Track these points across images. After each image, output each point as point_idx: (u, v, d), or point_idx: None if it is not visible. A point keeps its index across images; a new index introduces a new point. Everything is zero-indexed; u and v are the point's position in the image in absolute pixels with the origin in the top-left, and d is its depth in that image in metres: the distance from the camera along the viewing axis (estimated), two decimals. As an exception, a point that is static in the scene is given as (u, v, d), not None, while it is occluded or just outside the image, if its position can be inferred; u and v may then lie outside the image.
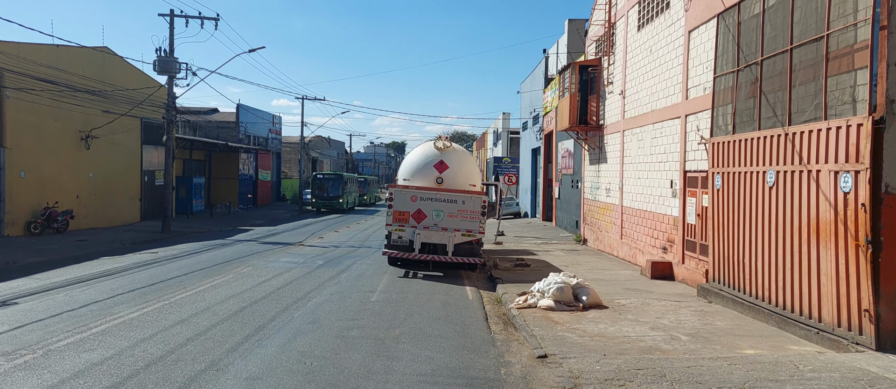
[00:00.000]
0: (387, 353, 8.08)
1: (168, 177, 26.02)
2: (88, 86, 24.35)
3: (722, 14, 11.79)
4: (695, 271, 13.29)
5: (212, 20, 26.19)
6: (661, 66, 15.74)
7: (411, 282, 14.04)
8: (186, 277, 14.06)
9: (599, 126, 21.17)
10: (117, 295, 11.62)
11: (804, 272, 8.95)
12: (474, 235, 15.11)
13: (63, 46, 23.54)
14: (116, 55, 28.06)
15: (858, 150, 7.85)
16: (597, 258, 18.78)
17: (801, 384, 6.68)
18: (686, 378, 6.85)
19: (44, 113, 23.11)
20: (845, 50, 8.30)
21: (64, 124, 24.46)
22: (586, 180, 23.12)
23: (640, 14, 17.46)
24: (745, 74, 10.83)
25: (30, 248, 18.83)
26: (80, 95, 23.70)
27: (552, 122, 29.34)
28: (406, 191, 15.34)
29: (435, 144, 16.19)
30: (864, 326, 7.79)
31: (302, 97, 48.30)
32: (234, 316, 10.06)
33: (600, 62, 21.17)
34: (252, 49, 26.29)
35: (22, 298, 11.34)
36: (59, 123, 24.16)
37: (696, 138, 13.26)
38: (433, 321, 10.10)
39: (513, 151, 48.89)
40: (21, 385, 6.60)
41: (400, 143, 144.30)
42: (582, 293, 11.13)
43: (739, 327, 9.58)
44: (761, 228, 10.10)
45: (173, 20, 25.44)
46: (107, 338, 8.46)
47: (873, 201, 7.66)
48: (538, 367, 7.55)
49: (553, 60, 31.86)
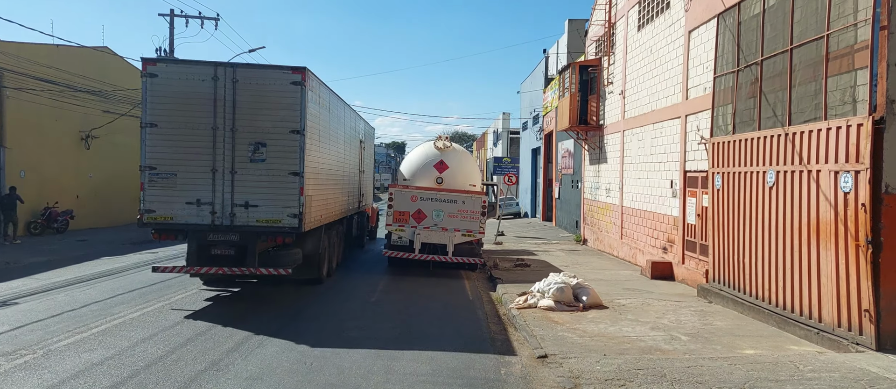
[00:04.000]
0: (387, 353, 8.08)
1: (168, 177, 25.92)
2: (88, 86, 24.34)
3: (722, 14, 11.79)
4: (695, 271, 13.29)
5: (212, 20, 26.24)
6: (661, 66, 15.74)
7: (411, 282, 14.04)
8: (186, 277, 14.04)
9: (599, 126, 21.17)
10: (117, 295, 11.62)
11: (804, 272, 8.95)
12: (474, 235, 15.11)
13: (63, 46, 23.53)
14: (116, 55, 28.06)
15: (858, 150, 7.85)
16: (597, 258, 18.78)
17: (801, 384, 6.68)
18: (686, 378, 6.86)
19: (44, 113, 23.11)
20: (845, 50, 8.30)
21: (64, 124, 24.45)
22: (586, 180, 23.12)
23: (640, 14, 17.46)
24: (745, 74, 10.83)
25: (30, 248, 18.84)
26: (80, 95, 23.69)
27: (552, 122, 29.34)
28: (406, 191, 15.34)
29: (435, 145, 16.19)
30: (865, 326, 7.80)
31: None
32: (233, 316, 10.06)
33: (600, 62, 21.17)
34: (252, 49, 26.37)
35: (22, 298, 11.34)
36: (60, 123, 24.15)
37: (696, 138, 13.26)
38: (433, 321, 10.10)
39: (513, 151, 48.87)
40: (21, 385, 6.60)
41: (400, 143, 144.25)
42: (582, 293, 11.13)
43: (739, 327, 9.58)
44: (761, 228, 10.10)
45: (173, 20, 25.46)
46: (107, 338, 8.46)
47: (873, 201, 7.66)
48: (538, 367, 7.55)
49: (553, 60, 31.87)
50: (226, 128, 10.90)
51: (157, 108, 10.89)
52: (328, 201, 13.50)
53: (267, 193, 10.97)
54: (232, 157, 10.93)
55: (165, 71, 10.97)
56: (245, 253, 11.13)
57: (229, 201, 10.94)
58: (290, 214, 10.92)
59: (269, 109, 10.96)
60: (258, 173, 10.96)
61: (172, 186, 10.94)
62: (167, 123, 10.89)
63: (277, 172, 10.95)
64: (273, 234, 11.17)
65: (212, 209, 10.95)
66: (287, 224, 10.96)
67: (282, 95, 10.94)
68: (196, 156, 10.93)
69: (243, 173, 10.95)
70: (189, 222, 10.99)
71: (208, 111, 10.89)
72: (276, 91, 10.96)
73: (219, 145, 10.92)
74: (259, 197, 10.97)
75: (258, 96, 10.94)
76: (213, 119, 10.90)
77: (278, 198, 10.96)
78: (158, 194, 10.94)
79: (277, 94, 10.95)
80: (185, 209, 10.94)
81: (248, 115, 10.93)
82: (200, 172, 10.94)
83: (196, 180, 10.95)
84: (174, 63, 11.93)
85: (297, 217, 10.96)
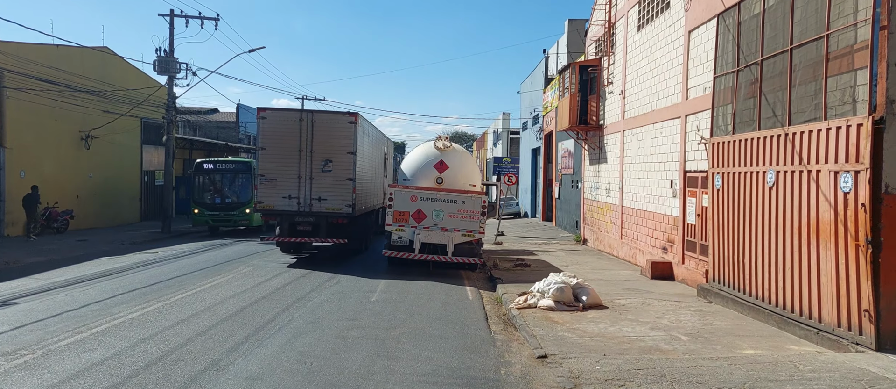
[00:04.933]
0: (387, 353, 8.09)
1: (168, 177, 26.02)
2: (88, 86, 24.35)
3: (722, 14, 11.79)
4: (695, 271, 13.29)
5: (212, 20, 26.19)
6: (661, 66, 15.74)
7: (411, 282, 14.04)
8: (186, 277, 14.07)
9: (599, 126, 21.17)
10: (117, 295, 11.63)
11: (804, 272, 8.95)
12: (474, 235, 15.11)
13: (63, 46, 23.54)
14: (116, 55, 28.08)
15: (858, 150, 7.85)
16: (597, 258, 18.78)
17: (801, 384, 6.68)
18: (686, 378, 6.86)
19: (44, 113, 23.12)
20: (845, 50, 8.30)
21: (64, 124, 24.46)
22: (586, 180, 23.12)
23: (640, 14, 17.46)
24: (745, 74, 10.83)
25: (30, 248, 18.84)
26: (80, 95, 23.70)
27: (552, 122, 29.34)
28: (406, 191, 15.34)
29: (435, 145, 16.20)
30: (864, 326, 7.80)
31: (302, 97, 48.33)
32: (234, 316, 10.07)
33: (600, 62, 21.17)
34: (252, 49, 26.29)
35: (22, 298, 11.34)
36: (59, 124, 24.17)
37: (696, 138, 13.26)
38: (433, 321, 10.10)
39: (513, 151, 48.88)
40: (21, 385, 6.60)
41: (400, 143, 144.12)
42: (582, 293, 11.13)
43: (739, 327, 9.58)
44: (761, 228, 10.10)
45: (173, 20, 25.44)
46: (107, 338, 8.46)
47: (873, 201, 7.66)
48: (538, 367, 7.55)
49: (553, 60, 31.87)
50: (307, 150, 16.90)
51: (266, 138, 16.94)
52: (367, 197, 19.22)
53: (332, 191, 16.91)
54: (310, 168, 16.91)
55: (271, 115, 17.09)
56: (318, 229, 17.20)
57: (308, 196, 16.95)
58: (347, 205, 16.53)
59: (334, 139, 16.91)
60: (327, 179, 16.92)
61: (274, 186, 16.89)
62: (271, 147, 16.92)
63: (339, 178, 16.92)
64: (336, 217, 17.05)
65: (298, 201, 16.95)
66: (344, 211, 16.87)
67: (342, 130, 16.97)
68: (288, 167, 16.88)
69: (317, 179, 16.92)
70: (283, 209, 17.01)
71: (296, 139, 16.89)
72: (338, 127, 16.99)
73: (303, 161, 16.89)
74: (327, 194, 16.93)
75: (327, 131, 16.93)
76: (299, 144, 16.89)
77: (339, 194, 16.91)
78: (265, 191, 16.94)
79: (339, 129, 16.96)
80: (281, 201, 16.93)
81: (321, 142, 16.89)
82: (291, 177, 16.92)
83: (288, 183, 16.91)
84: (275, 110, 17.48)
85: (351, 207, 16.91)
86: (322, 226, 16.99)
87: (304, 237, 17.31)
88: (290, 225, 17.17)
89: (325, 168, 16.81)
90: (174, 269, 15.32)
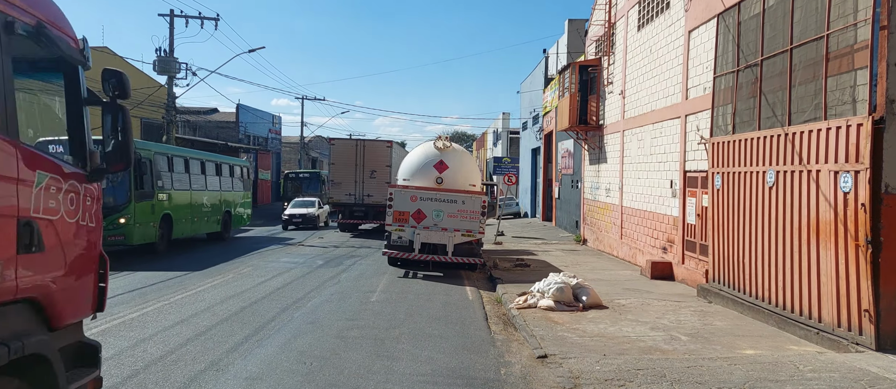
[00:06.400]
0: (387, 353, 8.09)
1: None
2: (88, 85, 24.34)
3: (722, 14, 11.80)
4: (695, 271, 13.29)
5: (212, 20, 26.23)
6: (660, 66, 15.74)
7: (411, 282, 14.05)
8: (186, 277, 14.07)
9: (599, 126, 21.17)
10: (117, 295, 11.62)
11: (804, 272, 8.95)
12: (474, 235, 15.11)
13: (63, 46, 23.52)
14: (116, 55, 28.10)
15: (858, 150, 7.85)
16: (597, 258, 18.79)
17: (801, 384, 6.68)
18: (686, 379, 6.86)
19: (43, 113, 23.10)
20: (845, 50, 8.30)
21: (64, 124, 24.44)
22: (586, 180, 23.13)
23: (640, 14, 17.46)
24: (745, 74, 10.83)
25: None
26: (80, 95, 23.68)
27: (552, 122, 29.34)
28: (406, 191, 15.34)
29: (435, 144, 16.18)
30: (864, 326, 7.80)
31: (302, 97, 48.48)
32: (234, 316, 10.07)
33: (600, 62, 21.18)
34: (252, 49, 26.35)
35: (22, 298, 11.32)
36: (59, 124, 24.14)
37: (695, 138, 13.27)
38: (433, 322, 10.10)
39: (513, 151, 48.86)
40: (21, 385, 6.59)
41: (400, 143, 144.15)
42: (582, 293, 11.13)
43: (739, 327, 9.58)
44: (761, 228, 10.10)
45: (173, 20, 25.47)
46: (107, 338, 8.45)
47: (873, 201, 7.67)
48: (538, 367, 7.55)
49: (553, 60, 31.86)
50: (360, 165, 25.84)
51: (334, 157, 26.25)
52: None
53: (376, 190, 25.18)
54: (362, 176, 25.81)
55: (337, 142, 27.07)
56: (367, 215, 25.98)
57: (361, 194, 25.78)
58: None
59: (377, 157, 25.96)
60: (373, 183, 25.57)
61: (339, 187, 26.00)
62: (338, 162, 26.14)
63: (380, 182, 25.04)
64: (379, 207, 23.93)
65: (354, 197, 25.86)
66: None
67: (382, 151, 26.33)
68: (348, 175, 25.86)
69: (367, 182, 25.75)
70: (346, 202, 26.03)
71: (353, 157, 25.95)
72: (379, 149, 26.45)
73: (357, 172, 25.85)
74: (373, 192, 25.48)
75: (372, 152, 26.15)
76: (355, 160, 25.89)
77: (381, 192, 23.35)
78: (334, 190, 26.16)
79: (380, 151, 26.35)
80: (345, 197, 25.90)
81: (369, 159, 25.90)
82: (350, 182, 25.85)
83: (348, 185, 25.87)
84: (340, 140, 27.62)
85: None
86: (369, 214, 25.75)
87: (358, 219, 26.36)
88: (350, 212, 26.07)
89: (372, 176, 25.63)
90: (174, 269, 15.31)
